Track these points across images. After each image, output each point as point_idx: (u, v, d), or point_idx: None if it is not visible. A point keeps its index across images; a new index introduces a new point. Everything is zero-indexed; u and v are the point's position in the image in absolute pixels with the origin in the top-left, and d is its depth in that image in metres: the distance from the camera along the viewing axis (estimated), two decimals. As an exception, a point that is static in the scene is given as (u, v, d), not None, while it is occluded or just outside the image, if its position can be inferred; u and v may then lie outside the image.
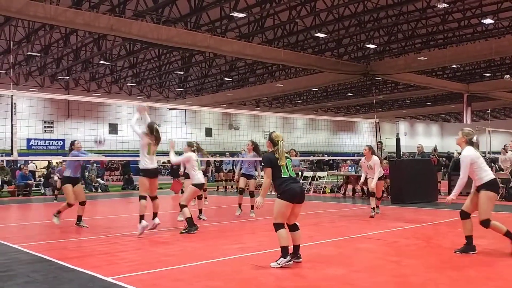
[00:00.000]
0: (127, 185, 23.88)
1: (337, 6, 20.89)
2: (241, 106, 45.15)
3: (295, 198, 5.79)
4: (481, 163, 6.35)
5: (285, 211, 5.78)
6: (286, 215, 5.80)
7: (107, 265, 6.20)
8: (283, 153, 5.95)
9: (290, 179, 5.89)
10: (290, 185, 5.82)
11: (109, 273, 5.65)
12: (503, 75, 34.71)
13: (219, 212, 13.29)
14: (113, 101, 32.20)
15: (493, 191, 6.33)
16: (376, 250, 7.01)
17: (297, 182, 6.03)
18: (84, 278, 5.53)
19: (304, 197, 5.95)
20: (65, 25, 19.77)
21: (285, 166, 5.89)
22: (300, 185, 6.15)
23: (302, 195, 5.91)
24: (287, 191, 5.79)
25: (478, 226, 6.38)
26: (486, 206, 6.28)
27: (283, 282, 5.18)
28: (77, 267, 6.02)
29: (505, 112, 56.17)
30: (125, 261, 6.43)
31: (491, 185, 6.31)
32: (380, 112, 50.80)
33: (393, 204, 13.48)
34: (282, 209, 5.77)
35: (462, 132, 6.68)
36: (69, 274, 5.71)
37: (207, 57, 29.44)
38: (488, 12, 21.62)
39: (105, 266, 6.08)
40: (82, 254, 7.09)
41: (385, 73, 29.95)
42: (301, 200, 5.89)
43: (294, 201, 5.79)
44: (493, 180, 6.33)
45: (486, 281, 5.12)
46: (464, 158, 6.36)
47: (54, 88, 35.01)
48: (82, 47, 27.55)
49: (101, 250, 7.34)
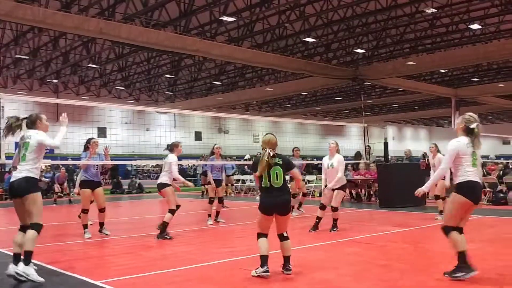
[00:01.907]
0: (116, 189, 23.78)
1: (326, 11, 21.00)
2: (230, 110, 45.14)
3: (268, 211, 5.49)
4: (465, 161, 5.29)
5: (263, 222, 5.54)
6: (265, 226, 5.54)
7: (96, 269, 6.18)
8: (264, 161, 5.49)
9: (269, 189, 5.52)
10: (265, 197, 5.55)
11: (99, 277, 5.64)
12: (491, 80, 35.21)
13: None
14: (102, 104, 32.07)
15: (462, 194, 5.27)
16: (364, 254, 7.05)
17: (275, 195, 5.49)
18: (74, 282, 5.52)
19: (283, 209, 5.52)
20: (54, 28, 19.67)
21: (266, 175, 5.50)
22: (277, 198, 5.50)
23: (276, 208, 5.48)
24: (261, 203, 5.57)
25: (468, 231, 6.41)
26: (449, 211, 5.47)
27: (270, 285, 5.20)
28: (66, 271, 6.00)
29: (493, 117, 56.71)
30: (115, 265, 6.42)
31: (461, 188, 5.31)
32: (369, 116, 51.03)
33: (381, 208, 13.56)
34: (260, 219, 5.56)
35: (462, 118, 5.57)
36: (58, 279, 5.69)
37: (196, 61, 29.42)
38: (475, 17, 21.86)
39: (95, 270, 6.07)
40: (72, 258, 7.06)
41: (373, 77, 30.12)
42: (280, 213, 5.51)
43: (268, 213, 5.49)
44: (466, 183, 5.28)
45: (474, 285, 5.17)
46: (448, 146, 5.36)
47: (43, 92, 34.78)
48: (71, 50, 27.40)
49: (91, 254, 7.32)
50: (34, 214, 5.45)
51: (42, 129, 5.78)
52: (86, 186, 8.79)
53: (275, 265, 5.69)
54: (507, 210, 12.35)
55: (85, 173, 8.86)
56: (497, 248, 7.23)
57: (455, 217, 5.37)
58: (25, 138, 5.68)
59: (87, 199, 8.79)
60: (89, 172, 8.82)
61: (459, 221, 5.40)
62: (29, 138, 5.65)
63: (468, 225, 10.05)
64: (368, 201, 15.83)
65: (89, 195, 8.79)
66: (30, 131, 5.73)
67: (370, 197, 16.22)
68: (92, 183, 8.81)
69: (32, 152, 5.58)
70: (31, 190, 5.48)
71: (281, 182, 5.52)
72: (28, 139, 5.64)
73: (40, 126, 5.79)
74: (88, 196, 8.78)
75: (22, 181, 5.48)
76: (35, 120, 5.82)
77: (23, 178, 5.49)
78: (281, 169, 5.53)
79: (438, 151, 10.86)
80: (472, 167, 5.30)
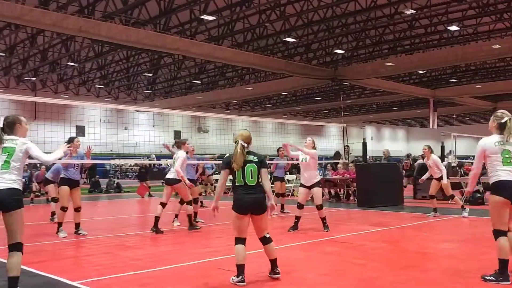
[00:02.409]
0: (94, 188, 23.52)
1: (307, 11, 21.07)
2: (210, 109, 45.03)
3: (242, 209, 5.24)
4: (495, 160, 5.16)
5: (238, 223, 5.27)
6: (241, 228, 5.26)
7: (73, 269, 6.10)
8: (240, 157, 5.25)
9: (243, 187, 5.27)
10: (240, 195, 5.27)
11: (75, 277, 5.56)
12: (468, 81, 35.76)
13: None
14: (81, 103, 31.72)
15: (495, 194, 5.13)
16: (343, 253, 7.08)
17: (251, 192, 5.26)
18: (49, 283, 5.43)
19: (261, 208, 5.29)
20: (32, 25, 19.38)
21: (240, 171, 5.26)
22: (254, 195, 5.26)
23: (255, 206, 5.25)
24: (236, 201, 5.29)
25: (446, 230, 6.50)
26: (490, 214, 5.26)
27: (249, 286, 5.18)
28: (42, 271, 5.90)
29: (470, 118, 57.55)
30: (92, 265, 6.33)
31: (493, 188, 5.19)
32: (348, 116, 51.40)
33: (359, 207, 13.65)
34: (234, 220, 5.30)
35: (493, 116, 5.34)
36: (33, 280, 5.58)
37: (176, 59, 29.27)
38: (454, 19, 22.15)
39: (72, 271, 5.98)
40: (47, 258, 6.95)
41: (352, 78, 30.34)
42: (256, 212, 5.26)
43: (243, 212, 5.25)
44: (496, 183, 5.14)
45: (452, 284, 5.23)
46: (478, 146, 5.30)
47: (20, 89, 34.27)
48: (50, 48, 27.03)
49: (67, 254, 7.22)
50: (20, 232, 4.79)
51: (22, 133, 5.00)
52: (66, 183, 8.79)
53: (257, 265, 5.69)
54: (484, 210, 12.52)
55: (65, 171, 8.86)
56: (474, 248, 7.33)
57: (499, 219, 5.14)
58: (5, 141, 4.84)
59: (66, 196, 8.79)
60: (69, 170, 8.83)
61: (506, 222, 5.16)
62: (13, 142, 4.84)
63: (445, 225, 10.23)
64: (346, 201, 15.92)
65: (68, 193, 8.79)
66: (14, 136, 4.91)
67: (348, 197, 16.32)
68: (71, 181, 8.84)
69: (17, 160, 4.79)
70: (20, 205, 4.77)
71: (255, 180, 5.30)
72: (12, 144, 4.82)
73: (19, 130, 4.98)
74: (67, 193, 8.78)
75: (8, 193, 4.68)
76: (13, 123, 4.97)
77: (8, 189, 4.69)
78: (256, 167, 5.30)
79: (432, 152, 11.10)
80: (503, 165, 5.11)
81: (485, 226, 9.94)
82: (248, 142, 5.42)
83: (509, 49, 23.20)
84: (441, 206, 11.87)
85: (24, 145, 4.88)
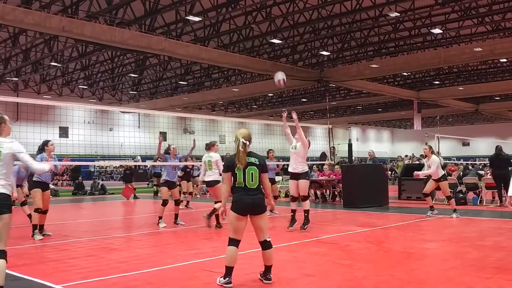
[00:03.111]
0: (78, 190, 23.32)
1: (292, 13, 21.12)
2: (196, 110, 44.90)
3: (241, 210, 5.18)
4: None
5: (235, 224, 5.18)
6: (237, 229, 5.19)
7: (57, 272, 6.02)
8: (243, 155, 5.20)
9: (243, 189, 5.21)
10: (240, 196, 5.20)
11: (60, 280, 5.50)
12: (451, 83, 36.15)
13: (173, 217, 13.13)
14: (64, 104, 31.38)
15: None
16: (328, 254, 7.10)
17: (250, 194, 5.20)
18: (33, 287, 5.36)
19: (260, 208, 5.24)
20: (14, 24, 19.14)
21: (241, 173, 5.20)
22: (253, 197, 5.21)
23: (254, 206, 5.20)
24: (235, 202, 5.22)
25: (430, 230, 6.55)
26: None
27: (235, 287, 5.17)
28: (25, 275, 5.82)
29: (453, 119, 58.21)
30: (76, 268, 6.26)
31: None
32: (333, 118, 51.58)
33: (345, 208, 13.72)
34: (232, 221, 5.20)
35: None
36: (16, 283, 5.51)
37: (161, 60, 29.13)
38: (437, 22, 22.40)
39: (55, 274, 5.91)
40: (31, 261, 6.86)
41: (338, 79, 30.49)
42: (255, 212, 5.21)
43: (243, 213, 5.19)
44: None
45: (436, 283, 5.27)
46: None
47: (2, 90, 33.80)
48: (32, 47, 26.72)
49: (50, 257, 7.13)
50: (5, 239, 4.54)
51: (6, 133, 4.77)
52: (39, 186, 8.89)
53: (245, 266, 5.67)
54: (466, 210, 12.68)
55: (39, 174, 8.84)
56: (456, 247, 7.40)
57: None
58: None
59: (40, 199, 8.86)
60: (43, 174, 8.85)
61: None
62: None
63: (428, 225, 10.31)
64: (332, 202, 15.97)
65: (41, 195, 8.88)
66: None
67: (334, 198, 16.36)
68: (43, 184, 8.98)
69: (4, 164, 4.59)
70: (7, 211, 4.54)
71: (256, 184, 5.23)
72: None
73: (4, 129, 4.77)
74: (40, 196, 8.87)
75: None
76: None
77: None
78: (257, 170, 5.24)
79: (432, 152, 11.26)
80: None
81: (468, 226, 10.07)
82: (249, 141, 5.34)
83: (490, 52, 23.48)
84: (424, 206, 11.96)
85: (9, 145, 4.64)
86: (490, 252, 6.85)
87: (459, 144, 55.85)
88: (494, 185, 13.92)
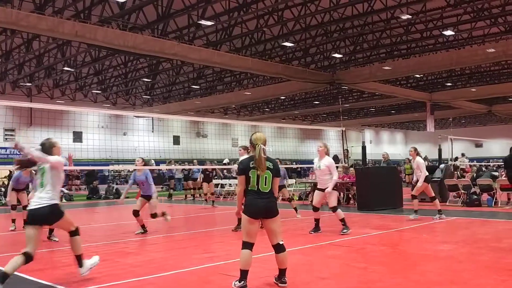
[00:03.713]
0: (92, 195, 23.47)
1: (304, 16, 21.12)
2: (209, 114, 45.03)
3: (254, 213, 5.23)
4: None
5: (248, 227, 5.23)
6: (250, 232, 5.23)
7: (71, 277, 6.05)
8: (263, 161, 5.26)
9: (255, 192, 5.26)
10: (253, 199, 5.26)
11: (74, 285, 5.54)
12: (464, 85, 35.88)
13: (187, 221, 13.20)
14: (78, 108, 31.61)
15: None
16: (343, 256, 7.09)
17: (263, 197, 5.26)
18: (49, 291, 5.41)
19: (272, 211, 5.29)
20: (28, 30, 19.33)
21: (255, 176, 5.24)
22: (266, 200, 5.28)
23: (266, 210, 5.26)
24: (248, 205, 5.28)
25: (443, 232, 6.51)
26: None
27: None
28: (39, 279, 5.87)
29: (466, 121, 57.73)
30: (91, 273, 6.29)
31: None
32: (346, 120, 51.37)
33: (359, 211, 13.65)
34: (245, 224, 5.26)
35: None
36: (30, 287, 5.56)
37: (174, 65, 29.26)
38: (449, 24, 22.25)
39: (70, 279, 5.94)
40: (45, 266, 6.90)
41: (350, 82, 30.40)
42: (268, 215, 5.27)
43: (256, 216, 5.24)
44: None
45: (450, 285, 5.24)
46: None
47: (16, 95, 34.14)
48: (45, 53, 26.98)
49: (65, 262, 7.17)
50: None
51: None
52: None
53: (260, 270, 5.67)
54: (480, 212, 12.56)
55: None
56: (471, 249, 7.33)
57: None
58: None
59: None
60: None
61: None
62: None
63: (442, 227, 10.24)
64: (346, 204, 15.91)
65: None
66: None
67: (348, 200, 16.32)
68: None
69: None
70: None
71: (269, 187, 5.31)
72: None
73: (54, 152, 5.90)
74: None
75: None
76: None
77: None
78: (271, 174, 5.31)
79: (418, 154, 11.17)
80: None
81: (483, 227, 9.98)
82: (265, 145, 5.43)
83: (503, 52, 23.25)
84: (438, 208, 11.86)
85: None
86: (505, 254, 6.78)
87: (472, 146, 55.30)
88: (509, 187, 13.74)
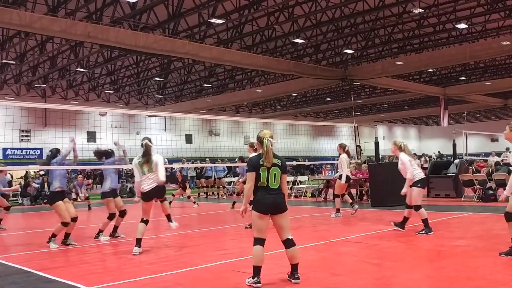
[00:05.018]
0: (107, 194, 23.61)
1: (315, 12, 21.03)
2: (221, 112, 45.09)
3: (263, 209, 5.27)
4: None
5: (258, 223, 5.28)
6: (261, 228, 5.28)
7: (88, 274, 6.13)
8: (270, 154, 5.32)
9: (265, 189, 5.31)
10: (261, 195, 5.30)
11: (91, 282, 5.60)
12: (478, 79, 35.51)
13: (201, 218, 13.26)
14: (91, 108, 31.84)
15: None
16: (357, 253, 7.07)
17: (272, 193, 5.31)
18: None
19: (281, 207, 5.33)
20: (41, 32, 19.52)
21: (265, 173, 5.30)
22: (274, 196, 5.32)
23: (275, 205, 5.30)
24: (257, 201, 5.33)
25: (459, 228, 6.47)
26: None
27: (264, 287, 5.19)
28: (57, 277, 5.95)
29: (480, 115, 57.17)
30: (107, 270, 6.38)
31: None
32: (359, 116, 51.21)
33: (373, 207, 13.60)
34: (255, 220, 5.31)
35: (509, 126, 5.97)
36: (48, 285, 5.63)
37: (186, 64, 29.35)
38: (462, 17, 22.01)
39: (87, 276, 6.02)
40: (62, 264, 7.00)
41: (363, 77, 30.25)
42: (276, 211, 5.31)
43: (265, 211, 5.27)
44: None
45: (466, 281, 5.21)
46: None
47: (30, 96, 34.51)
48: (59, 54, 27.21)
49: (82, 260, 7.26)
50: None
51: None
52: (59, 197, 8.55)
53: (273, 266, 5.69)
54: (496, 207, 12.43)
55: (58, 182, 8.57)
56: (487, 245, 7.27)
57: None
58: None
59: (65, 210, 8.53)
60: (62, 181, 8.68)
61: None
62: None
63: (457, 222, 10.18)
64: (360, 201, 15.86)
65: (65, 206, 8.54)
66: None
67: (362, 197, 16.26)
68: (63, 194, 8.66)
69: None
70: None
71: (277, 184, 5.36)
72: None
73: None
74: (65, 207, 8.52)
75: None
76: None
77: None
78: (279, 171, 5.38)
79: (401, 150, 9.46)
80: None
81: (498, 223, 9.88)
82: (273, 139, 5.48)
83: (518, 45, 23.00)
84: (453, 203, 11.78)
85: None
86: (522, 249, 6.70)
87: (487, 140, 54.72)
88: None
